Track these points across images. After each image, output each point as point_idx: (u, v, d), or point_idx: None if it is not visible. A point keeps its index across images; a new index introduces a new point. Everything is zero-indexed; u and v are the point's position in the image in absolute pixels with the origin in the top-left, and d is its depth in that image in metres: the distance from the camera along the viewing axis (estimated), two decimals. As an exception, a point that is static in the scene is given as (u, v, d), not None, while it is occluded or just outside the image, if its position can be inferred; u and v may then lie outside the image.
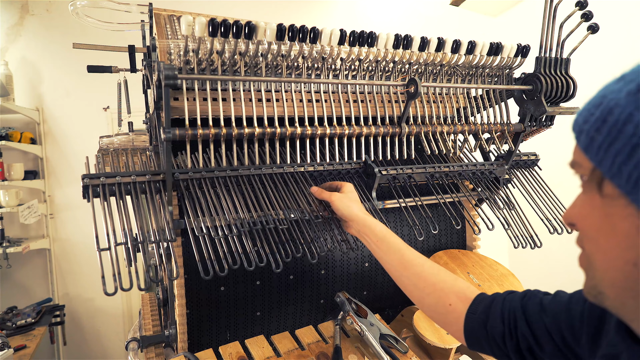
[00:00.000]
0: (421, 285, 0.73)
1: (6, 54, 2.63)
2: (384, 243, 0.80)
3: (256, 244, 0.82)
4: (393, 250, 0.78)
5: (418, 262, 0.76)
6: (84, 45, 1.25)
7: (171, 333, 1.02)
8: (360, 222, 0.83)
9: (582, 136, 0.38)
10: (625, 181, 0.34)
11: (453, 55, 1.02)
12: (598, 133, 0.36)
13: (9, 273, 2.67)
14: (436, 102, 1.10)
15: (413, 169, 1.05)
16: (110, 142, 1.28)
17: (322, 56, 0.92)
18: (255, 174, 0.92)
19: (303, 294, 1.08)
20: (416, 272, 0.75)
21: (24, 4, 2.64)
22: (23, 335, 2.26)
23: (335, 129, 0.95)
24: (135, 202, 0.81)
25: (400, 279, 0.78)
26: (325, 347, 0.93)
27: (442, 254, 1.25)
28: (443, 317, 0.71)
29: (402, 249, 0.78)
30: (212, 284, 0.97)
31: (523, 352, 0.60)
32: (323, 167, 0.99)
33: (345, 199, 0.87)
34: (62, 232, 2.80)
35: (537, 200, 1.16)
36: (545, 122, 1.12)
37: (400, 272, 0.77)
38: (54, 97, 2.74)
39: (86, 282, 2.83)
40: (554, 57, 1.06)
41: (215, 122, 0.85)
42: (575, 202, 0.43)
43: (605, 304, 0.41)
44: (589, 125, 0.37)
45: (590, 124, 0.37)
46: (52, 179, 2.77)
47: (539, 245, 1.06)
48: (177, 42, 0.93)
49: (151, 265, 0.75)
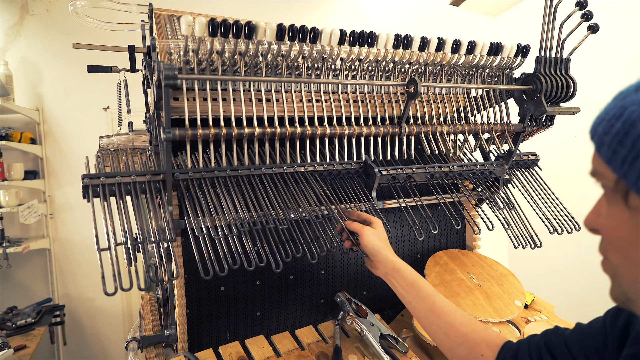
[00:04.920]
0: (452, 335, 0.72)
1: (6, 54, 2.63)
2: (413, 289, 0.77)
3: (256, 244, 0.82)
4: (423, 296, 0.76)
5: (449, 310, 0.74)
6: (84, 45, 1.25)
7: (171, 333, 1.02)
8: (389, 265, 0.80)
9: (603, 147, 0.38)
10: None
11: (453, 55, 1.02)
12: (621, 146, 0.36)
13: (9, 273, 2.67)
14: (436, 102, 1.10)
15: (413, 169, 1.05)
16: (110, 142, 1.29)
17: (322, 56, 0.92)
18: (255, 174, 0.92)
19: (303, 294, 1.08)
20: (447, 321, 0.73)
21: (24, 4, 2.64)
22: (23, 335, 2.26)
23: (335, 129, 0.95)
24: (135, 202, 0.81)
25: (429, 326, 0.76)
26: (325, 347, 0.93)
27: (442, 254, 1.25)
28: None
29: (432, 296, 0.76)
30: (212, 284, 0.97)
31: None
32: (323, 167, 0.99)
33: (374, 235, 0.83)
34: (62, 232, 2.80)
35: (537, 200, 1.16)
36: (545, 122, 1.12)
37: (431, 320, 0.75)
38: (54, 97, 2.74)
39: (86, 282, 2.83)
40: (554, 57, 1.06)
41: (215, 122, 0.85)
42: (597, 208, 0.43)
43: (633, 309, 0.42)
44: (610, 137, 0.37)
45: (611, 136, 0.37)
46: (52, 179, 2.77)
47: (539, 245, 1.06)
48: (177, 42, 0.93)
49: (151, 265, 0.75)
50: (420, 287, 0.77)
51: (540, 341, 0.64)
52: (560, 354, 0.60)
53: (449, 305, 0.75)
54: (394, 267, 0.80)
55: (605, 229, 0.42)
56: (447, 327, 0.72)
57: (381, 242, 0.83)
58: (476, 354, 0.69)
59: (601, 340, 0.55)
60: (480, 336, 0.70)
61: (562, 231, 1.10)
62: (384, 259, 0.81)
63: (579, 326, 0.61)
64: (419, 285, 0.77)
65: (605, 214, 0.42)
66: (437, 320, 0.74)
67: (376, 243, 0.82)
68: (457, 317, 0.73)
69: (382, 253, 0.81)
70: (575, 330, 0.61)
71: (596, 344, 0.56)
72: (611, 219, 0.41)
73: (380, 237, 0.84)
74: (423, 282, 0.78)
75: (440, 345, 0.75)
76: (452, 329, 0.72)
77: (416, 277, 0.78)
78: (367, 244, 0.83)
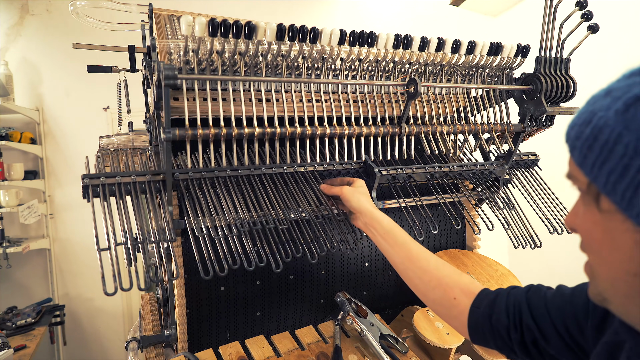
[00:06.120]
0: (426, 279, 0.75)
1: (6, 54, 2.63)
2: (390, 236, 0.81)
3: (256, 244, 0.82)
4: (399, 243, 0.79)
5: (424, 257, 0.77)
6: (84, 45, 1.25)
7: (171, 333, 1.02)
8: (368, 215, 0.84)
9: (575, 152, 0.39)
10: (620, 198, 0.35)
11: (453, 55, 1.02)
12: (590, 151, 0.37)
13: (9, 273, 2.67)
14: (436, 102, 1.10)
15: (413, 169, 1.05)
16: (110, 142, 1.28)
17: (322, 56, 0.92)
18: (255, 174, 0.92)
19: (303, 294, 1.08)
20: (422, 266, 0.76)
21: (24, 4, 2.64)
22: (23, 335, 2.26)
23: (335, 129, 0.95)
24: (135, 202, 0.81)
25: (405, 272, 0.79)
26: (325, 347, 0.93)
27: (442, 254, 1.25)
28: (447, 311, 0.72)
29: (408, 243, 0.79)
30: (212, 284, 0.97)
31: (528, 345, 0.61)
32: (323, 167, 0.99)
33: (355, 192, 0.88)
34: (62, 232, 2.80)
35: (537, 200, 1.16)
36: (545, 122, 1.12)
37: (406, 266, 0.78)
38: (54, 97, 2.74)
39: (86, 282, 2.83)
40: (554, 57, 1.06)
41: (215, 122, 0.85)
42: (576, 208, 0.44)
43: (610, 308, 0.43)
44: (580, 142, 0.38)
45: (582, 141, 0.38)
46: (52, 179, 2.77)
47: (539, 245, 1.06)
48: (177, 42, 0.93)
49: (151, 265, 0.75)
50: (397, 235, 0.80)
51: (522, 297, 0.63)
52: (540, 317, 0.59)
53: (424, 252, 0.78)
54: (372, 217, 0.84)
55: (581, 229, 0.43)
56: (422, 272, 0.75)
57: (361, 195, 0.88)
58: (449, 296, 0.71)
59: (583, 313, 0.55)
60: (453, 280, 0.72)
61: (562, 231, 1.10)
62: (364, 210, 0.85)
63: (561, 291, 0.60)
64: (396, 233, 0.81)
65: (581, 215, 0.42)
66: (412, 265, 0.77)
67: (356, 198, 0.87)
68: (431, 262, 0.76)
69: (361, 205, 0.86)
70: (558, 295, 0.60)
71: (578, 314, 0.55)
72: (586, 221, 0.41)
73: (361, 192, 0.89)
74: (400, 230, 0.82)
75: (415, 289, 0.78)
76: (426, 274, 0.75)
77: (393, 226, 0.82)
78: (347, 200, 0.87)
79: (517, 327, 0.62)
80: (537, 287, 0.64)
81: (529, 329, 0.60)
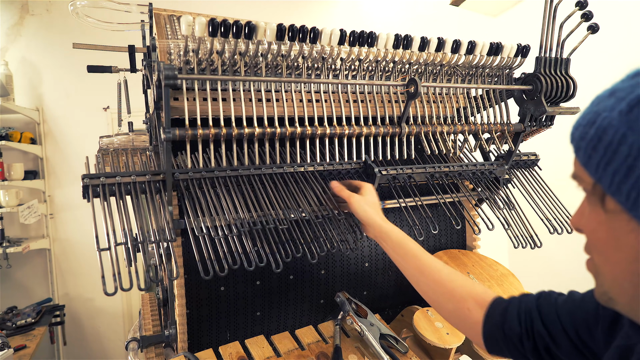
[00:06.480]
0: (440, 291, 0.74)
1: (6, 54, 2.63)
2: (400, 248, 0.80)
3: (256, 244, 0.82)
4: (410, 255, 0.79)
5: (435, 268, 0.76)
6: (84, 45, 1.25)
7: (171, 333, 1.02)
8: (377, 228, 0.84)
9: (580, 152, 0.39)
10: (625, 198, 0.35)
11: (453, 55, 1.02)
12: (595, 151, 0.37)
13: (9, 273, 2.67)
14: (436, 102, 1.10)
15: (413, 169, 1.05)
16: (110, 142, 1.28)
17: (322, 56, 0.92)
18: (255, 174, 0.92)
19: (303, 294, 1.08)
20: (434, 278, 0.75)
21: (24, 4, 2.64)
22: (23, 335, 2.26)
23: (335, 129, 0.95)
24: (135, 202, 0.81)
25: (418, 284, 0.78)
26: (325, 347, 0.93)
27: (442, 254, 1.25)
28: (462, 322, 0.72)
29: (419, 255, 0.78)
30: (212, 284, 0.97)
31: (540, 352, 0.61)
32: (323, 167, 0.99)
33: (362, 201, 0.87)
34: (62, 232, 2.80)
35: (537, 200, 1.16)
36: (545, 122, 1.12)
37: (418, 278, 0.78)
38: (54, 97, 2.74)
39: (86, 282, 2.84)
40: (554, 57, 1.06)
41: (215, 122, 0.85)
42: (582, 209, 0.44)
43: (616, 308, 0.43)
44: (585, 142, 0.38)
45: (586, 142, 0.38)
46: (52, 179, 2.77)
47: (539, 245, 1.06)
48: (177, 42, 0.93)
49: (151, 265, 0.75)
50: (407, 247, 0.80)
51: (533, 304, 0.63)
52: (551, 323, 0.60)
53: (435, 263, 0.77)
54: (381, 230, 0.83)
55: (587, 229, 0.43)
56: (434, 283, 0.75)
57: (369, 207, 0.86)
58: (462, 308, 0.70)
59: (593, 317, 0.55)
60: (466, 291, 0.72)
61: (562, 231, 1.10)
62: (373, 223, 0.85)
63: (572, 297, 0.60)
64: (406, 245, 0.80)
65: (586, 215, 0.42)
66: (424, 278, 0.76)
67: (363, 210, 0.86)
68: (443, 274, 0.75)
69: (370, 217, 0.85)
70: (569, 301, 0.60)
71: (588, 319, 0.55)
72: (591, 221, 0.42)
73: (369, 202, 0.88)
74: (410, 242, 0.81)
75: (429, 301, 0.77)
76: (439, 286, 0.74)
77: (403, 237, 0.82)
78: (355, 211, 0.87)
79: (529, 335, 0.62)
80: (548, 294, 0.64)
81: (540, 335, 0.60)
